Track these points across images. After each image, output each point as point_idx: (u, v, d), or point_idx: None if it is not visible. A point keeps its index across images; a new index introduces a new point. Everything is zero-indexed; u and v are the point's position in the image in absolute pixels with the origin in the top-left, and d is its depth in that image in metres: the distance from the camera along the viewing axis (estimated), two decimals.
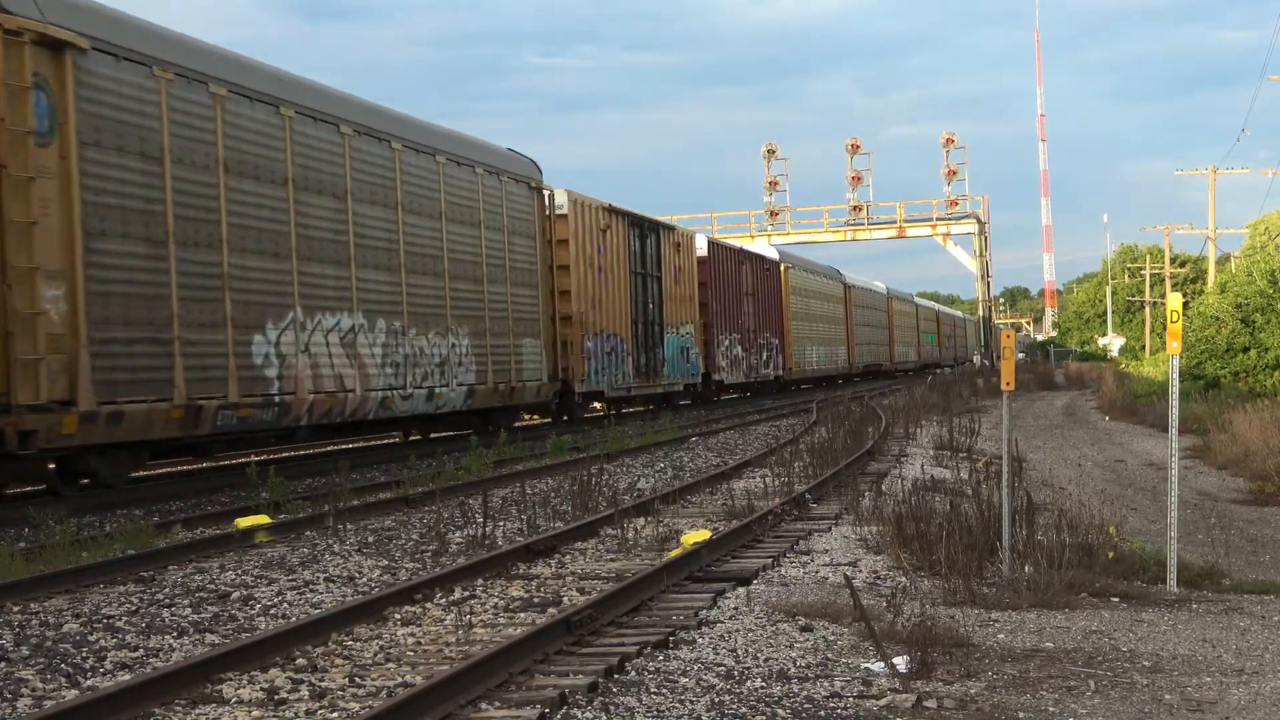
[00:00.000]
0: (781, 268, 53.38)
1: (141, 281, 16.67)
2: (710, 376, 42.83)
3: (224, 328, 18.14)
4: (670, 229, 39.32)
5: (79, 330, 15.52)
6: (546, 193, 29.93)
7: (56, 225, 15.34)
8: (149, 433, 16.72)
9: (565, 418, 32.11)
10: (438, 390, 24.36)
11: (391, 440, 28.03)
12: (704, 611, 9.68)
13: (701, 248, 42.35)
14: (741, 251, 48.40)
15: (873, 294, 73.51)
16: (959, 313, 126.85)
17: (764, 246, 55.55)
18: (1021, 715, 7.25)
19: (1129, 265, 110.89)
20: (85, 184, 15.75)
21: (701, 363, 41.90)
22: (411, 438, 27.78)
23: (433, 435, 27.72)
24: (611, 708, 7.13)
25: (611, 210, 33.90)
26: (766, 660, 8.29)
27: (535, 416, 33.34)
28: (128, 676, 7.84)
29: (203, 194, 17.92)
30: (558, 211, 30.32)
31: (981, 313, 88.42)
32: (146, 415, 16.50)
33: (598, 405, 36.63)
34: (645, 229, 36.80)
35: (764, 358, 49.55)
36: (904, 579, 11.17)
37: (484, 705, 7.19)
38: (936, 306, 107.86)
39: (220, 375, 18.00)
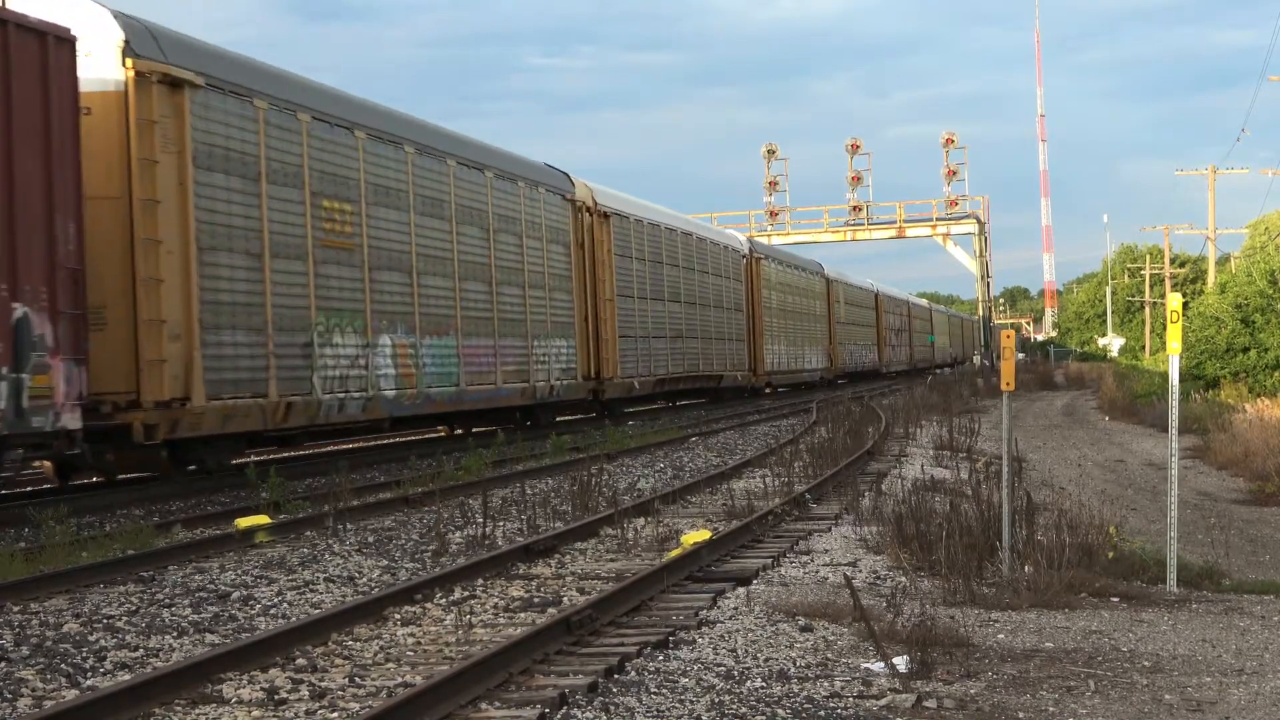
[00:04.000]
0: (351, 132, 20.58)
1: None
2: None
3: None
4: None
5: None
6: None
7: None
8: None
9: None
10: None
11: (392, 439, 28.00)
12: (704, 611, 9.68)
13: None
14: None
15: (713, 247, 43.02)
16: (922, 300, 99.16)
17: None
18: (1021, 715, 7.26)
19: (1129, 265, 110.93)
20: None
21: None
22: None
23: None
24: (611, 708, 7.13)
25: None
26: (766, 660, 8.29)
27: None
28: (128, 676, 7.84)
29: None
30: None
31: (981, 313, 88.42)
32: None
33: None
34: None
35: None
36: (904, 579, 11.18)
37: (484, 705, 7.19)
38: (877, 288, 74.18)
39: None
